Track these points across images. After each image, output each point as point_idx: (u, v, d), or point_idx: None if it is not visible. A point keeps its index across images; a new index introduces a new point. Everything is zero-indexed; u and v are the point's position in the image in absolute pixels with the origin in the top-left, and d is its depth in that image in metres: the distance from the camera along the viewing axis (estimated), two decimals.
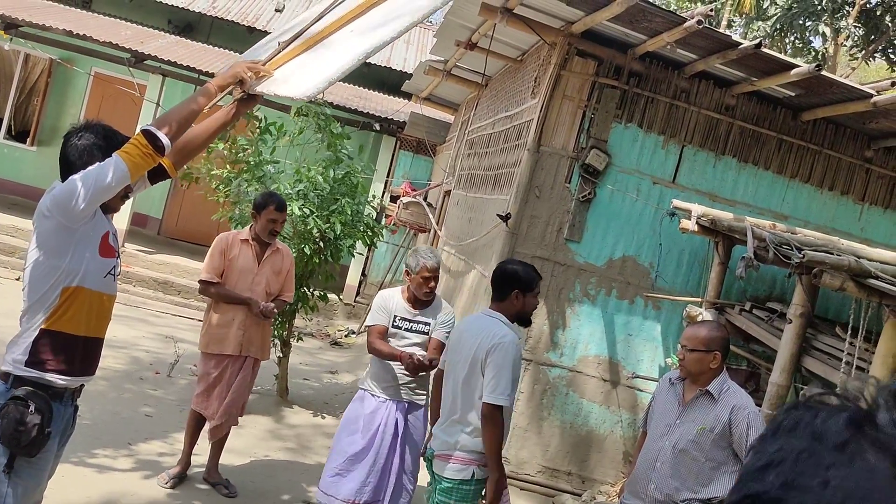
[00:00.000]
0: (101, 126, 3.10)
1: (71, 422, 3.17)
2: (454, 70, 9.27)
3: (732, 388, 3.78)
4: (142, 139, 2.88)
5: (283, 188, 6.97)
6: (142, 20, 15.75)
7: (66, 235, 2.94)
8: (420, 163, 13.38)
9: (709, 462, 3.70)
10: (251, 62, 3.12)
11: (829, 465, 0.68)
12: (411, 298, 4.81)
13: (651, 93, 6.40)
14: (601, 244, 6.39)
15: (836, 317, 6.27)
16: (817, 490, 0.67)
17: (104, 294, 3.12)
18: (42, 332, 2.98)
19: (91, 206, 2.89)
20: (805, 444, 0.71)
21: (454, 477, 3.88)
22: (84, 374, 3.12)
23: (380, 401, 4.79)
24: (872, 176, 6.76)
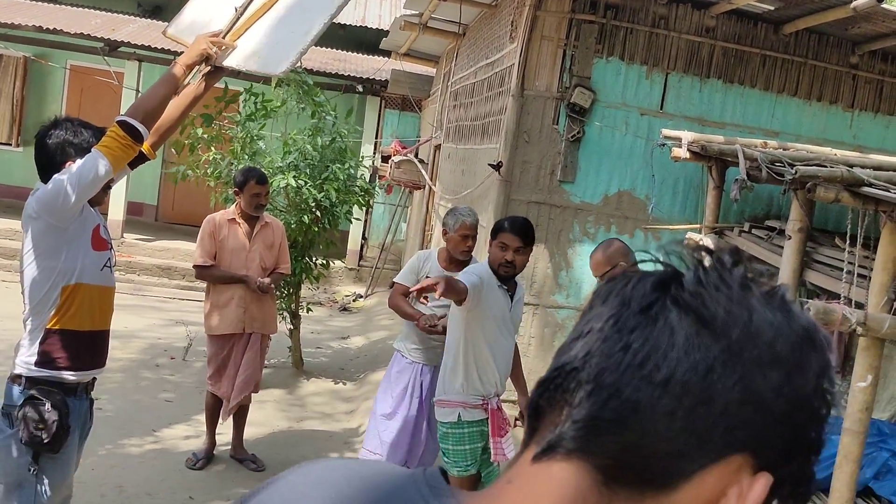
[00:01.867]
0: (70, 121, 3.11)
1: (89, 416, 3.23)
2: (430, 22, 9.17)
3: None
4: (119, 131, 2.87)
5: (273, 161, 6.95)
6: (110, 7, 15.53)
7: (57, 235, 2.96)
8: (407, 120, 13.30)
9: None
10: (212, 35, 3.06)
11: (633, 328, 0.67)
12: (447, 259, 4.75)
13: (629, 23, 6.33)
14: (595, 182, 6.39)
15: (836, 227, 6.29)
16: (617, 354, 0.67)
17: (104, 287, 3.16)
18: (48, 332, 3.02)
19: (78, 203, 2.90)
20: (613, 310, 0.70)
21: (444, 420, 4.07)
22: (94, 367, 3.18)
23: (407, 362, 4.80)
24: (860, 82, 6.72)
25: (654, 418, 0.65)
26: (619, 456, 0.65)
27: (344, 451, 5.90)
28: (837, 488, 4.06)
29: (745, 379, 0.66)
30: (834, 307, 3.93)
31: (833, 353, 0.71)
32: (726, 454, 0.65)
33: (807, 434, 0.69)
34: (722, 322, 0.66)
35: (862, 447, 4.05)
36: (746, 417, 0.65)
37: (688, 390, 0.65)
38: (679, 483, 0.65)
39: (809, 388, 0.68)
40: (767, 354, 0.66)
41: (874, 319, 3.88)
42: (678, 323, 0.67)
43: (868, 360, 3.99)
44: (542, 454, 0.69)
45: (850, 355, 5.23)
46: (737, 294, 0.68)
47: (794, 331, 0.68)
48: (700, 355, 0.66)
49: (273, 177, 6.68)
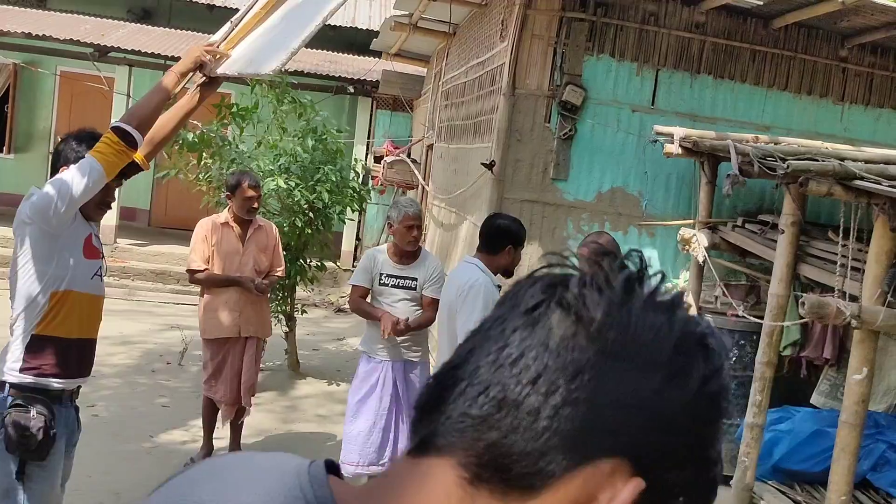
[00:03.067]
0: (89, 133, 3.12)
1: (76, 424, 3.21)
2: (420, 22, 9.16)
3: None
4: (113, 136, 2.87)
5: (261, 165, 6.94)
6: (100, 12, 15.46)
7: (49, 241, 2.96)
8: (399, 120, 13.29)
9: None
10: (207, 45, 3.08)
11: (515, 328, 0.68)
12: (397, 253, 4.79)
13: (620, 20, 6.34)
14: (588, 179, 6.40)
15: (829, 220, 6.30)
16: (494, 353, 0.67)
17: (94, 295, 3.16)
18: (34, 338, 3.00)
19: (70, 209, 2.90)
20: (504, 311, 0.70)
21: None
22: (80, 376, 3.15)
23: (375, 362, 4.83)
24: (850, 75, 6.74)
25: (518, 417, 0.64)
26: (483, 454, 0.65)
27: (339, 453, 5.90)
28: (835, 480, 4.07)
29: (618, 382, 0.65)
30: (828, 300, 3.95)
31: (726, 359, 0.70)
32: (596, 457, 0.64)
33: (690, 440, 0.67)
34: (600, 324, 0.66)
35: (859, 439, 4.06)
36: (619, 421, 0.64)
37: (555, 391, 0.64)
38: (543, 484, 0.64)
39: (691, 394, 0.66)
40: (644, 358, 0.65)
41: (869, 312, 3.89)
42: (558, 324, 0.67)
43: (863, 353, 4.00)
44: (416, 450, 0.69)
45: (846, 348, 5.24)
46: (619, 297, 0.67)
47: (676, 334, 0.67)
48: (573, 356, 0.65)
49: (264, 180, 6.67)
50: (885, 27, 6.13)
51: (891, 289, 3.96)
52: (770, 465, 5.21)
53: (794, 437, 5.21)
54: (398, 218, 4.70)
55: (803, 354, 5.75)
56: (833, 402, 5.52)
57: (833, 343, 5.57)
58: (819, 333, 5.61)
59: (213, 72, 3.07)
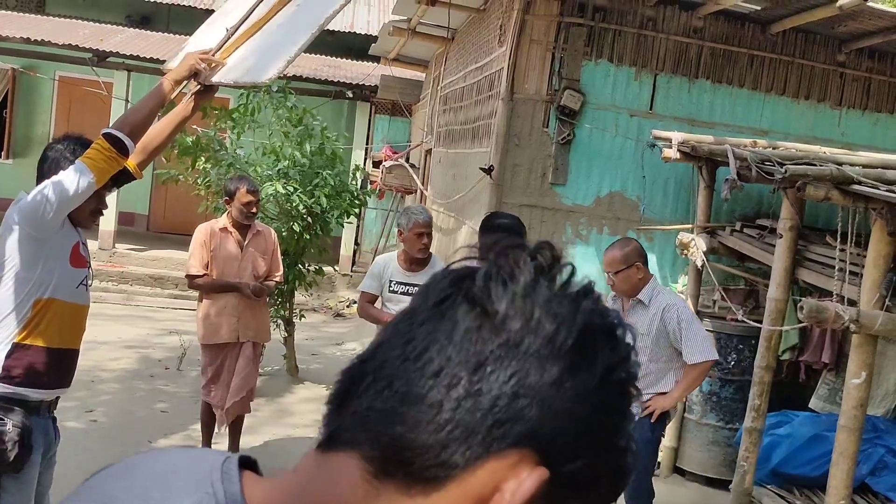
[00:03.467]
0: (77, 138, 3.08)
1: (54, 435, 3.15)
2: (419, 28, 9.18)
3: (662, 291, 4.15)
4: (104, 143, 2.82)
5: (259, 170, 6.94)
6: (98, 17, 15.49)
7: (35, 247, 2.91)
8: (398, 125, 13.30)
9: (653, 363, 4.06)
10: (203, 53, 3.03)
11: (423, 321, 0.68)
12: (407, 260, 4.77)
13: (618, 25, 6.36)
14: (586, 184, 6.41)
15: (827, 224, 6.31)
16: (400, 347, 0.68)
17: (78, 304, 3.08)
18: (15, 346, 2.93)
19: (59, 215, 2.85)
20: (415, 305, 0.71)
21: None
22: (59, 387, 3.07)
23: None
24: (847, 79, 6.76)
25: (421, 410, 0.65)
26: (387, 448, 0.66)
27: None
28: (834, 485, 4.07)
29: (520, 373, 0.65)
30: (827, 305, 3.95)
31: (633, 349, 0.70)
32: (500, 449, 0.65)
33: (594, 428, 0.67)
34: (503, 316, 0.66)
35: (858, 444, 4.06)
36: (521, 411, 0.65)
37: (457, 384, 0.65)
38: (447, 476, 0.65)
39: (594, 383, 0.67)
40: (546, 348, 0.66)
41: (867, 316, 3.90)
42: (463, 317, 0.67)
43: (862, 357, 4.00)
44: (324, 444, 0.70)
45: (844, 352, 5.25)
46: (522, 289, 0.67)
47: (579, 325, 0.67)
48: (476, 349, 0.66)
49: (262, 184, 6.67)
50: (882, 32, 6.15)
51: (889, 293, 3.97)
52: (769, 469, 5.22)
53: (792, 442, 5.21)
54: (408, 225, 4.66)
55: (802, 359, 5.76)
56: (832, 407, 5.52)
57: (831, 347, 5.58)
58: (818, 338, 5.61)
59: (208, 80, 3.04)
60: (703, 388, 5.83)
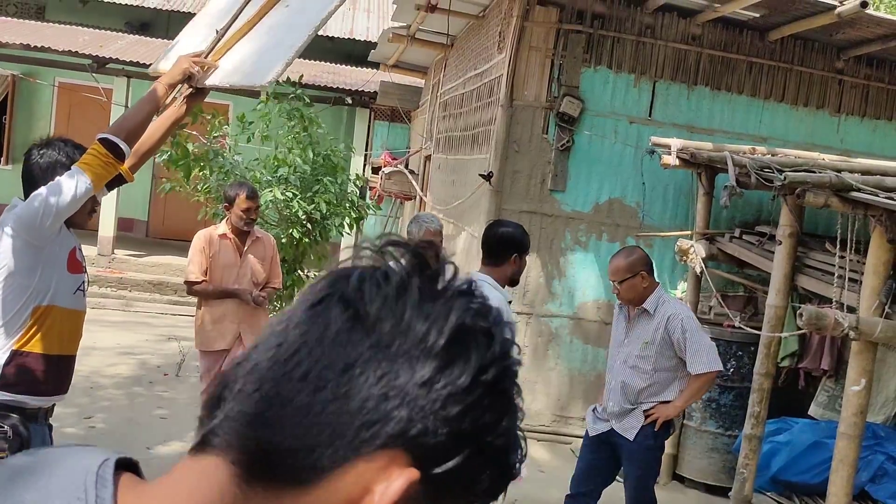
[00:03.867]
0: (64, 142, 3.05)
1: (50, 441, 3.13)
2: (418, 34, 9.19)
3: (667, 300, 4.15)
4: (100, 148, 2.80)
5: (259, 175, 6.95)
6: (98, 23, 15.51)
7: (33, 254, 2.88)
8: (397, 131, 13.31)
9: (658, 372, 4.06)
10: (195, 56, 3.01)
11: (297, 323, 0.68)
12: None
13: (616, 32, 6.37)
14: (586, 190, 6.41)
15: (826, 231, 6.32)
16: (272, 350, 0.67)
17: (75, 310, 3.06)
18: (14, 354, 2.91)
19: (56, 222, 2.83)
20: (294, 305, 0.70)
21: None
22: (57, 393, 3.06)
23: None
24: (846, 86, 6.77)
25: (288, 413, 0.65)
26: (254, 451, 0.65)
27: None
28: (834, 492, 4.07)
29: (389, 374, 0.65)
30: (826, 312, 3.95)
31: (511, 348, 0.70)
32: (369, 451, 0.64)
33: (468, 428, 0.66)
34: (374, 317, 0.66)
35: (857, 451, 4.06)
36: (390, 413, 0.64)
37: (324, 386, 0.65)
38: (316, 479, 0.64)
39: (466, 383, 0.66)
40: (417, 349, 0.66)
41: (866, 323, 3.90)
42: (336, 318, 0.67)
43: (861, 364, 4.00)
44: (197, 447, 0.69)
45: (844, 359, 5.24)
46: (395, 288, 0.67)
47: (451, 325, 0.67)
48: (345, 350, 0.66)
49: (262, 190, 6.68)
50: (880, 39, 6.16)
51: (888, 300, 3.97)
52: (768, 476, 5.21)
53: (792, 449, 5.21)
54: (419, 233, 4.64)
55: (801, 366, 5.76)
56: (831, 414, 5.52)
57: (831, 354, 5.58)
58: (817, 344, 5.61)
59: (201, 83, 3.02)
60: (703, 396, 5.82)
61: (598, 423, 4.25)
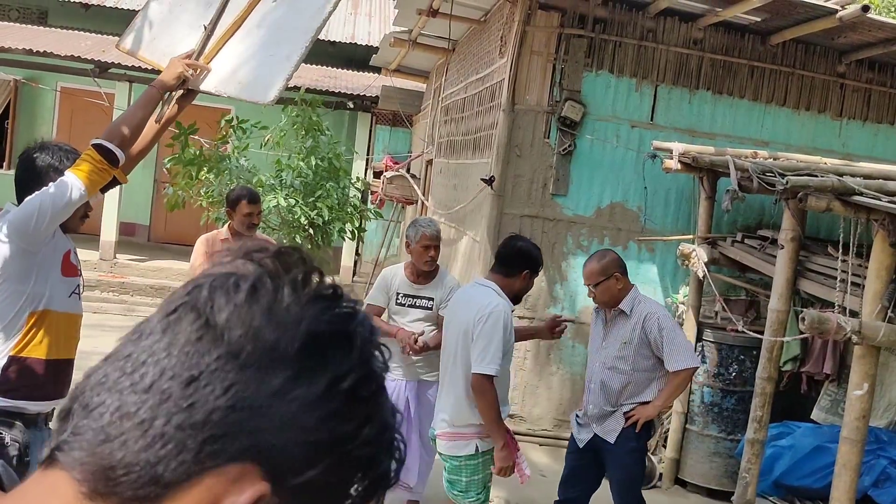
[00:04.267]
0: (58, 146, 3.05)
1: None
2: (419, 39, 9.20)
3: (643, 300, 4.17)
4: (95, 154, 2.79)
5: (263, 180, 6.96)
6: (100, 28, 15.54)
7: (27, 259, 2.87)
8: (398, 135, 13.32)
9: (636, 372, 4.09)
10: (186, 57, 2.99)
11: (150, 332, 0.66)
12: (414, 272, 4.71)
13: (618, 37, 6.37)
14: (587, 195, 6.41)
15: (829, 235, 6.31)
16: (123, 359, 0.65)
17: (72, 314, 3.05)
18: (12, 359, 2.90)
19: (50, 227, 2.81)
20: (151, 314, 0.68)
21: (459, 454, 3.88)
22: (57, 398, 3.03)
23: (389, 380, 4.75)
24: (847, 90, 6.77)
25: (129, 427, 0.62)
26: (98, 466, 0.63)
27: None
28: (837, 497, 4.06)
29: (238, 385, 0.63)
30: (829, 316, 3.94)
31: (373, 354, 0.68)
32: (217, 464, 0.62)
33: (325, 439, 0.64)
34: (223, 325, 0.64)
35: (860, 455, 4.05)
36: (239, 425, 0.62)
37: (168, 398, 0.62)
38: (160, 496, 0.61)
39: (320, 392, 0.64)
40: (267, 358, 0.63)
41: (869, 327, 3.89)
42: (185, 328, 0.65)
43: (864, 369, 3.99)
44: (46, 461, 0.67)
45: (846, 363, 5.24)
46: (246, 294, 0.65)
47: (304, 332, 0.64)
48: (191, 361, 0.63)
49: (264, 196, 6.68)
50: (882, 43, 6.16)
51: (891, 304, 3.96)
52: (771, 480, 5.20)
53: (794, 453, 5.20)
54: (416, 237, 4.59)
55: (804, 370, 5.75)
56: (834, 418, 5.51)
57: (833, 358, 5.57)
58: (819, 349, 5.61)
59: (194, 85, 2.99)
60: (705, 400, 5.82)
61: (582, 431, 4.28)
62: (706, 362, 5.83)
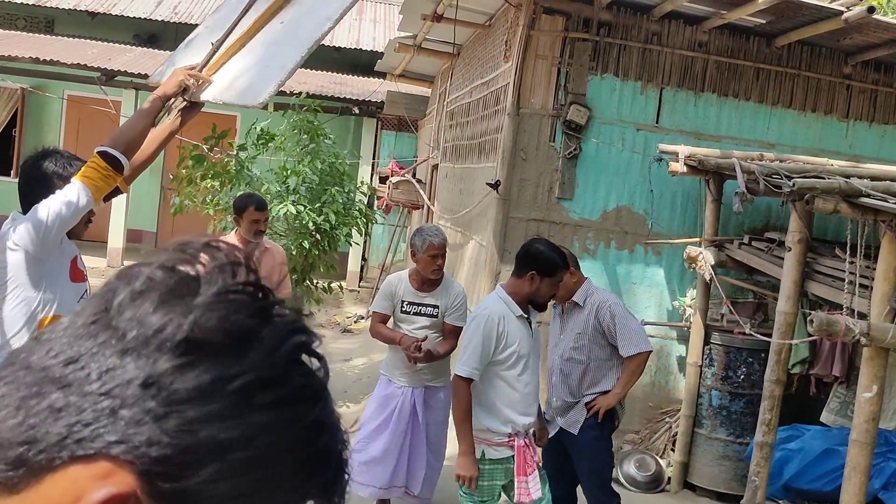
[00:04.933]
0: (60, 153, 3.08)
1: None
2: (424, 44, 9.22)
3: (595, 291, 4.34)
4: (100, 161, 2.84)
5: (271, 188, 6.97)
6: (106, 37, 15.61)
7: (37, 266, 2.89)
8: (404, 140, 13.34)
9: (593, 362, 4.24)
10: (190, 69, 3.05)
11: (67, 325, 0.63)
12: (418, 280, 4.70)
13: (623, 40, 6.37)
14: (593, 198, 6.40)
15: (836, 237, 6.29)
16: (32, 370, 0.61)
17: None
18: None
19: (59, 234, 2.85)
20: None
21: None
22: None
23: (395, 387, 4.77)
24: (854, 92, 6.75)
25: (6, 404, 0.59)
26: None
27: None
28: (846, 500, 4.04)
29: (114, 370, 0.58)
30: (837, 318, 3.93)
31: (265, 349, 0.62)
32: (84, 455, 0.57)
33: (204, 441, 0.58)
34: (115, 309, 0.61)
35: (870, 458, 4.03)
36: (112, 414, 0.57)
37: (46, 377, 0.60)
38: (21, 482, 0.58)
39: (200, 388, 0.58)
40: (150, 344, 0.59)
41: (878, 329, 3.88)
42: (88, 311, 0.62)
43: (873, 371, 3.98)
44: None
45: (855, 365, 5.22)
46: (144, 281, 0.62)
47: (194, 320, 0.59)
48: (77, 342, 0.60)
49: (272, 203, 6.70)
50: (887, 44, 6.14)
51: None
52: (780, 484, 5.18)
53: (804, 456, 5.18)
54: (422, 246, 4.57)
55: (812, 372, 5.73)
56: (843, 420, 5.48)
57: (842, 360, 5.54)
58: (828, 351, 5.58)
59: (196, 97, 3.05)
60: (714, 403, 5.80)
61: (549, 427, 4.37)
62: (714, 365, 5.81)
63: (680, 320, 6.37)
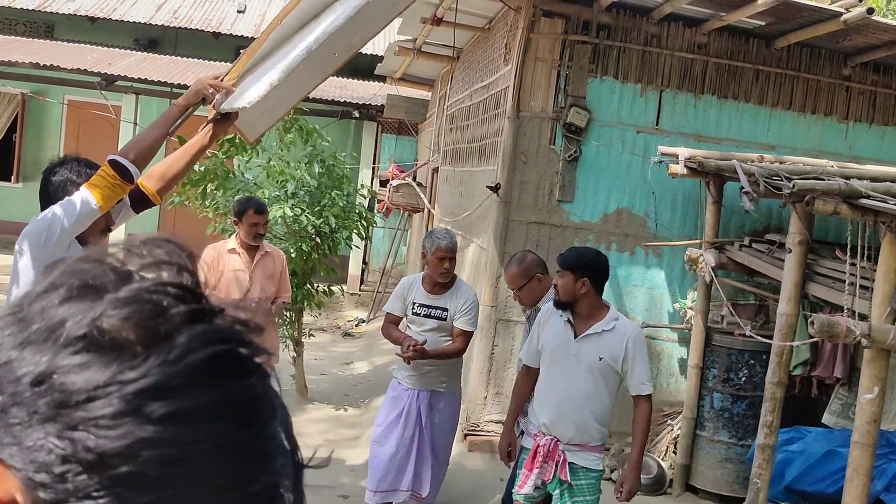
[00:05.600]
0: (78, 160, 3.10)
1: None
2: (424, 47, 9.23)
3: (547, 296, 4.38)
4: (108, 170, 2.85)
5: (267, 192, 6.97)
6: (106, 42, 15.63)
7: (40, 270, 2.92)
8: (404, 143, 13.35)
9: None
10: (212, 78, 3.04)
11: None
12: (430, 283, 4.77)
13: (622, 42, 6.37)
14: (594, 200, 6.40)
15: (837, 238, 6.29)
16: None
17: None
18: None
19: (63, 240, 2.87)
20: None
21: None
22: None
23: (403, 388, 4.82)
24: (853, 93, 6.75)
25: None
26: None
27: (349, 479, 5.87)
28: (849, 501, 4.04)
29: (12, 363, 0.54)
30: (838, 319, 3.92)
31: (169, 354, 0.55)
32: None
33: (79, 450, 0.52)
34: (29, 302, 0.57)
35: (872, 459, 4.03)
36: (1, 411, 0.53)
37: None
38: None
39: (86, 392, 0.52)
40: (48, 337, 0.54)
41: (878, 330, 3.87)
42: (7, 324, 0.57)
43: (874, 372, 3.97)
44: None
45: (857, 366, 5.21)
46: (58, 275, 0.58)
47: (97, 314, 0.54)
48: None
49: (271, 206, 6.70)
50: (886, 46, 6.15)
51: None
52: (782, 486, 5.17)
53: (806, 458, 5.17)
54: (431, 249, 4.65)
55: (814, 374, 5.72)
56: (845, 422, 5.48)
57: (843, 362, 5.54)
58: (829, 352, 5.58)
59: (219, 106, 3.03)
60: (715, 405, 5.79)
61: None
62: (715, 367, 5.81)
63: (681, 322, 6.37)
